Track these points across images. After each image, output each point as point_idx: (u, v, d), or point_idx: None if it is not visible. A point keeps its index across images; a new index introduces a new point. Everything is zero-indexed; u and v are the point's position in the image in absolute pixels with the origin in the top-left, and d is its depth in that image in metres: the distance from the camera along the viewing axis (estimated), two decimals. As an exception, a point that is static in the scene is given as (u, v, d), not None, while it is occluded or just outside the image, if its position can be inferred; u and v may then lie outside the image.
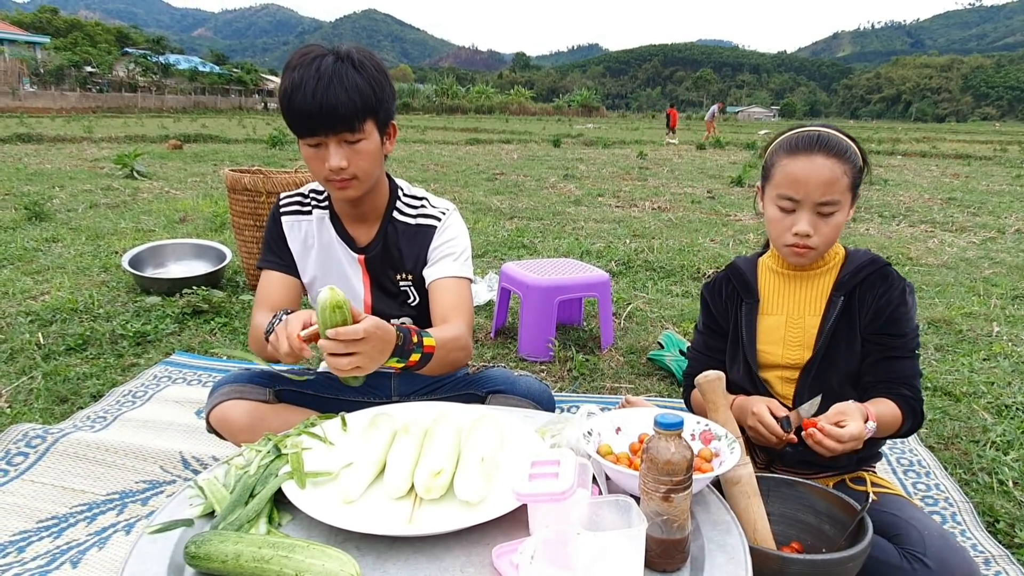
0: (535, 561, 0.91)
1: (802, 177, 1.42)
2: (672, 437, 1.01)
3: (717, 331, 1.70)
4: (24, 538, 1.85)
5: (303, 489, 1.18)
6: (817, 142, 1.43)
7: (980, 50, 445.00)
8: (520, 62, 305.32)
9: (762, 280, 1.64)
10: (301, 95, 1.47)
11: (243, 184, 3.99)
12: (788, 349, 1.57)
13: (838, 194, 1.41)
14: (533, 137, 24.00)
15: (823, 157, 1.41)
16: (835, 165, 1.41)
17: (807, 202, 1.43)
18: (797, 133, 1.49)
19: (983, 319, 3.95)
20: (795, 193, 1.43)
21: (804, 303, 1.57)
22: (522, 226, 6.82)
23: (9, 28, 52.42)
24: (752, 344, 1.60)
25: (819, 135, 1.44)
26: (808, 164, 1.42)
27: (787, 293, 1.59)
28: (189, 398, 2.76)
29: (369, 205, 1.73)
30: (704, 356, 1.72)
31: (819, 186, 1.40)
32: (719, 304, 1.69)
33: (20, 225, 6.17)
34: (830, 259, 1.55)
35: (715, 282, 1.72)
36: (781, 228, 1.48)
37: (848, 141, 1.45)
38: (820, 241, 1.45)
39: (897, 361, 1.48)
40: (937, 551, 1.27)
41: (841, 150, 1.42)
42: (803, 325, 1.56)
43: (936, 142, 24.55)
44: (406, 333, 1.40)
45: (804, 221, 1.43)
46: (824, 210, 1.42)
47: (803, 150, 1.44)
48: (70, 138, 17.25)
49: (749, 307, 1.62)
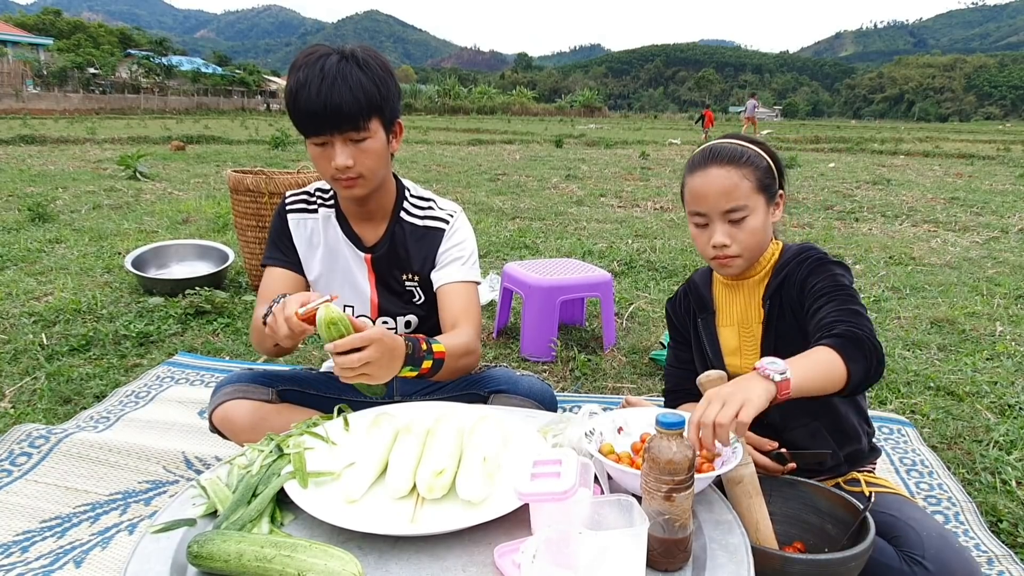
0: (537, 560, 0.91)
1: (701, 191, 1.46)
2: (674, 436, 1.01)
3: (685, 344, 1.72)
4: (28, 538, 1.86)
5: (305, 489, 1.18)
6: (710, 155, 1.47)
7: (983, 49, 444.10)
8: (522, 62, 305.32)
9: (716, 292, 1.65)
10: (306, 94, 1.47)
11: (246, 185, 4.00)
12: (746, 359, 1.57)
13: (742, 199, 1.43)
14: (535, 137, 23.99)
15: (716, 167, 1.45)
16: (730, 172, 1.43)
17: (714, 213, 1.46)
18: (696, 152, 1.53)
19: (986, 319, 3.94)
20: (700, 207, 1.47)
21: (748, 311, 1.57)
22: (524, 226, 6.82)
23: (12, 30, 52.55)
24: (718, 357, 1.61)
25: (711, 148, 1.48)
26: (704, 178, 1.46)
27: (735, 303, 1.60)
28: (192, 398, 2.77)
29: (376, 204, 1.74)
30: (677, 370, 1.74)
31: (719, 196, 1.43)
32: (680, 318, 1.72)
33: (24, 226, 6.19)
34: (764, 263, 1.55)
35: (676, 297, 1.76)
36: (702, 243, 1.51)
37: (744, 146, 1.47)
38: (741, 248, 1.46)
39: (819, 311, 1.39)
40: (937, 552, 1.26)
41: (734, 156, 1.45)
42: (752, 333, 1.56)
43: (939, 142, 24.48)
44: (414, 342, 1.42)
45: (718, 232, 1.46)
46: (733, 216, 1.44)
47: (699, 166, 1.48)
48: (73, 139, 17.29)
49: (706, 320, 1.64)
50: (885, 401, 2.85)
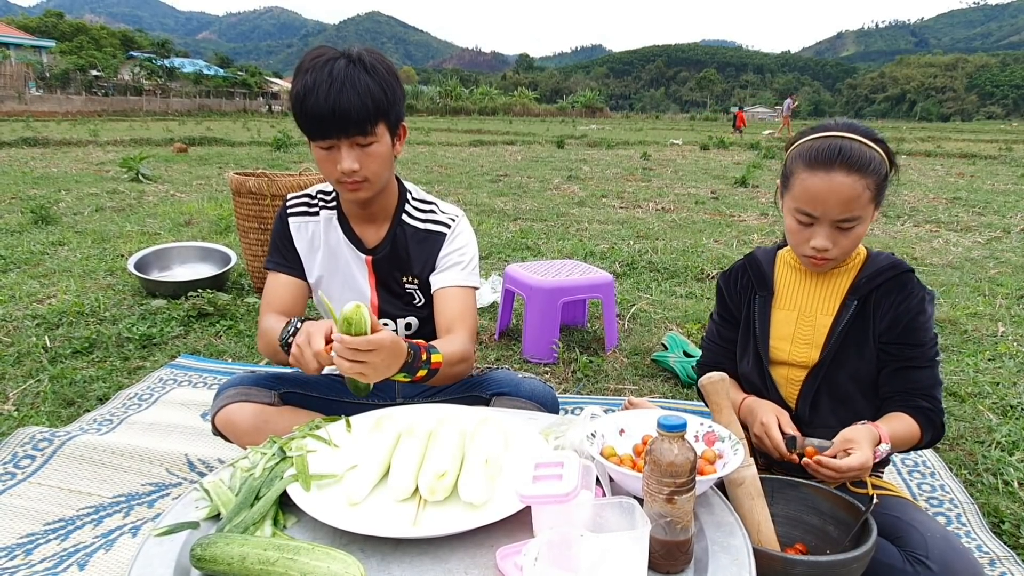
0: (539, 563, 0.92)
1: (820, 195, 1.36)
2: (675, 439, 1.01)
3: (731, 321, 1.69)
4: (31, 540, 1.86)
5: (308, 491, 1.18)
6: (838, 156, 1.35)
7: (985, 49, 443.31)
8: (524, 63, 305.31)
9: (779, 273, 1.61)
10: (314, 98, 1.47)
11: (248, 187, 4.01)
12: (797, 347, 1.55)
13: (858, 210, 1.37)
14: (537, 138, 23.99)
15: (843, 174, 1.34)
16: (856, 182, 1.34)
17: (825, 219, 1.39)
18: (817, 141, 1.40)
19: (988, 319, 3.93)
20: (813, 210, 1.39)
21: (818, 301, 1.54)
22: (526, 227, 6.82)
23: (15, 32, 52.65)
24: (765, 338, 1.58)
25: (840, 147, 1.36)
26: (827, 182, 1.35)
27: (802, 289, 1.57)
28: (195, 400, 2.77)
29: (378, 206, 1.74)
30: (717, 346, 1.71)
31: (838, 204, 1.36)
32: (733, 294, 1.67)
33: (26, 228, 6.20)
34: (849, 260, 1.53)
35: (731, 271, 1.70)
36: (799, 240, 1.45)
37: (871, 150, 1.37)
38: (839, 252, 1.43)
39: (915, 371, 1.45)
40: (940, 553, 1.27)
41: (863, 164, 1.35)
42: (814, 324, 1.54)
43: (941, 141, 24.44)
44: (416, 350, 1.43)
45: (822, 236, 1.40)
46: (844, 225, 1.39)
47: (822, 165, 1.36)
48: (76, 141, 17.32)
49: (763, 300, 1.60)
50: (887, 402, 2.85)
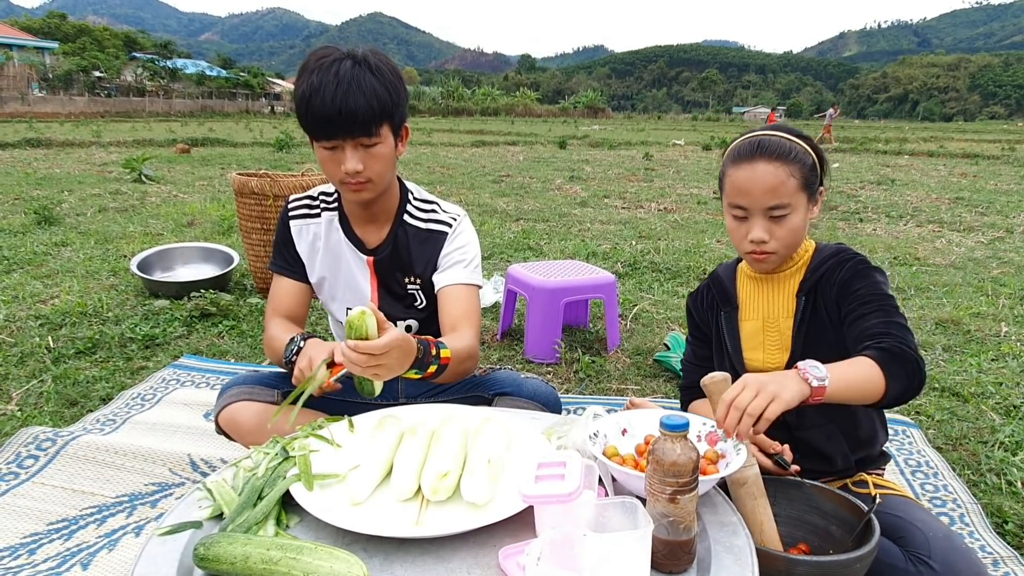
0: (541, 562, 0.92)
1: (746, 185, 1.42)
2: (678, 438, 1.01)
3: (703, 340, 1.72)
4: (35, 540, 1.86)
5: (311, 491, 1.18)
6: (758, 148, 1.43)
7: (987, 49, 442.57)
8: (526, 64, 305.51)
9: (740, 286, 1.64)
10: (320, 99, 1.48)
11: (250, 188, 4.01)
12: (768, 354, 1.57)
13: (786, 197, 1.41)
14: (539, 139, 24.00)
15: (764, 163, 1.41)
16: (778, 169, 1.40)
17: (756, 209, 1.43)
18: (741, 141, 1.49)
19: (991, 319, 3.92)
20: (743, 201, 1.44)
21: (777, 306, 1.57)
22: (528, 228, 6.82)
23: (18, 34, 52.77)
24: (737, 352, 1.61)
25: (759, 141, 1.44)
26: (750, 172, 1.42)
27: (761, 297, 1.59)
28: (198, 400, 2.78)
29: (380, 207, 1.74)
30: (695, 366, 1.74)
31: (764, 192, 1.41)
32: (702, 313, 1.71)
33: (29, 229, 6.22)
34: (798, 259, 1.54)
35: (698, 292, 1.74)
36: (738, 236, 1.49)
37: (793, 141, 1.44)
38: (778, 245, 1.45)
39: (864, 318, 1.40)
40: (942, 553, 1.27)
41: (783, 152, 1.41)
42: (779, 328, 1.56)
43: (943, 141, 24.43)
44: (426, 346, 1.43)
45: (757, 228, 1.44)
46: (775, 214, 1.42)
47: (745, 158, 1.44)
48: (79, 142, 17.35)
49: (728, 315, 1.63)
50: (890, 402, 2.84)
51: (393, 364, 1.31)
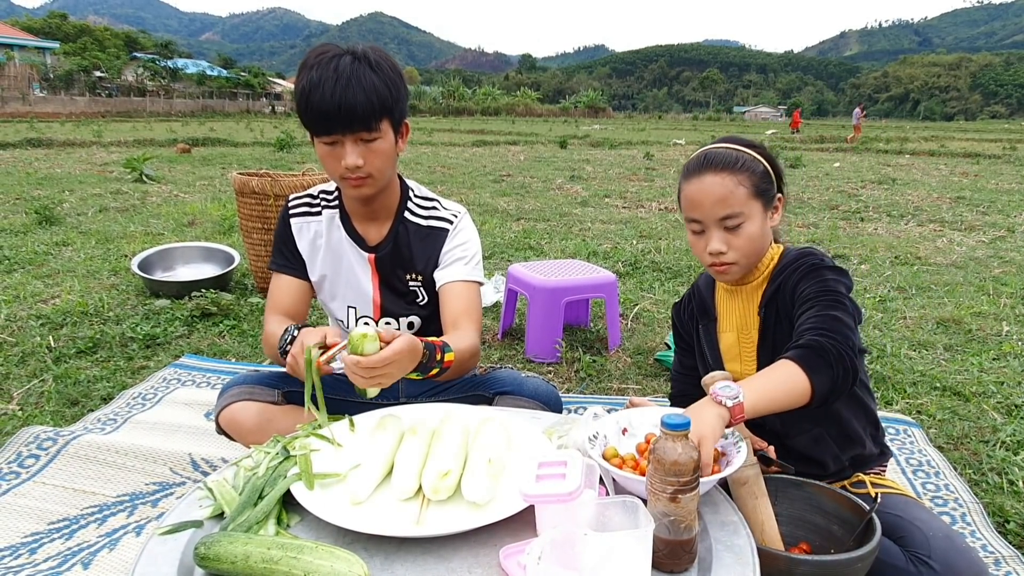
0: (542, 562, 0.92)
1: (696, 198, 1.44)
2: (679, 438, 1.01)
3: (688, 350, 1.72)
4: (36, 539, 1.87)
5: (311, 490, 1.18)
6: (704, 161, 1.45)
7: (989, 48, 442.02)
8: (526, 64, 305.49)
9: (718, 298, 1.64)
10: (319, 94, 1.48)
11: (251, 187, 4.01)
12: (745, 365, 1.56)
13: (737, 206, 1.41)
14: (539, 138, 24.00)
15: (711, 175, 1.42)
16: (725, 179, 1.41)
17: (709, 221, 1.44)
18: (691, 157, 1.51)
19: (992, 318, 3.92)
20: (696, 214, 1.45)
21: (747, 317, 1.56)
22: (529, 227, 6.82)
23: (19, 34, 52.80)
24: (718, 363, 1.60)
25: (706, 155, 1.46)
26: (699, 185, 1.44)
27: (735, 309, 1.59)
28: (198, 400, 2.78)
29: (381, 204, 1.74)
30: (682, 375, 1.74)
31: (714, 204, 1.42)
32: (684, 324, 1.72)
33: (31, 229, 6.22)
34: (763, 268, 1.53)
35: (681, 302, 1.75)
36: (699, 250, 1.50)
37: (740, 151, 1.45)
38: (737, 255, 1.44)
39: (799, 319, 1.37)
40: (942, 552, 1.26)
41: (729, 163, 1.42)
42: (751, 339, 1.55)
43: (945, 141, 24.40)
44: (432, 350, 1.43)
45: (714, 239, 1.44)
46: (729, 224, 1.42)
47: (693, 172, 1.46)
48: (80, 142, 17.37)
49: (706, 327, 1.63)
50: (891, 402, 2.84)
51: (395, 372, 1.32)
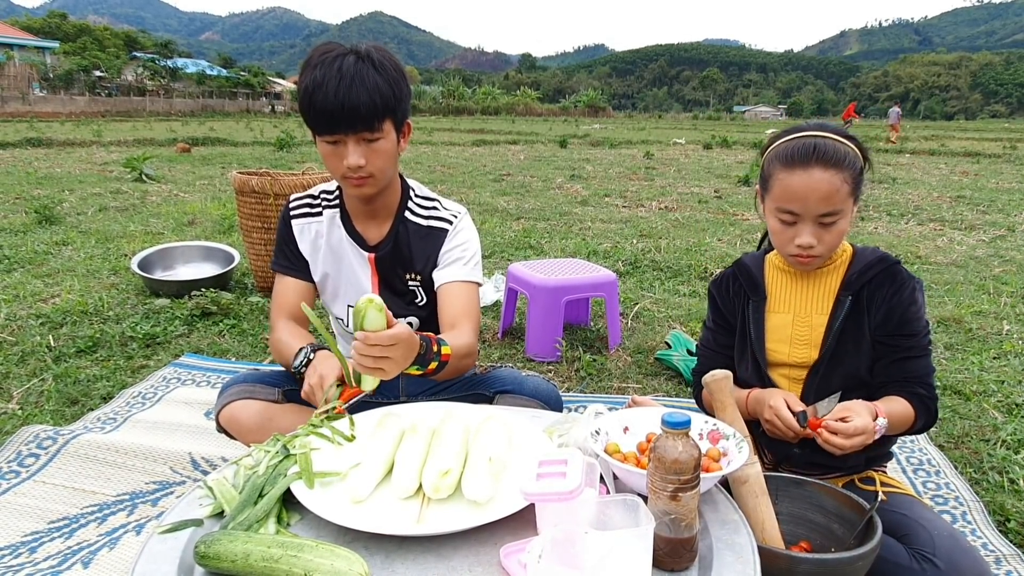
0: (543, 560, 0.91)
1: (800, 192, 1.38)
2: (680, 436, 1.01)
3: (726, 328, 1.68)
4: (36, 539, 1.86)
5: (312, 489, 1.18)
6: (814, 153, 1.38)
7: (989, 47, 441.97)
8: (526, 63, 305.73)
9: (769, 277, 1.62)
10: (323, 94, 1.48)
11: (251, 186, 4.01)
12: (795, 348, 1.55)
13: (839, 204, 1.38)
14: (539, 138, 23.99)
15: (820, 170, 1.37)
16: (833, 176, 1.36)
17: (808, 215, 1.40)
18: (792, 142, 1.43)
19: (993, 317, 3.92)
20: (795, 207, 1.40)
21: (811, 302, 1.55)
22: (529, 227, 6.82)
23: (19, 33, 52.80)
24: (760, 342, 1.58)
25: (814, 145, 1.38)
26: (806, 178, 1.37)
27: (794, 291, 1.57)
28: (198, 399, 2.78)
29: (381, 203, 1.74)
30: (713, 353, 1.70)
31: (819, 200, 1.37)
32: (727, 301, 1.67)
33: (30, 228, 6.22)
34: (836, 257, 1.53)
35: (722, 279, 1.70)
36: (784, 239, 1.46)
37: (845, 145, 1.40)
38: (824, 249, 1.44)
39: (910, 361, 1.46)
40: (946, 551, 1.26)
41: (839, 158, 1.37)
42: (811, 324, 1.54)
43: (945, 140, 24.39)
44: (427, 342, 1.43)
45: (807, 233, 1.41)
46: (826, 220, 1.40)
47: (799, 163, 1.39)
48: (79, 142, 17.37)
49: (756, 305, 1.60)
50: (891, 400, 2.84)
51: (399, 359, 1.32)
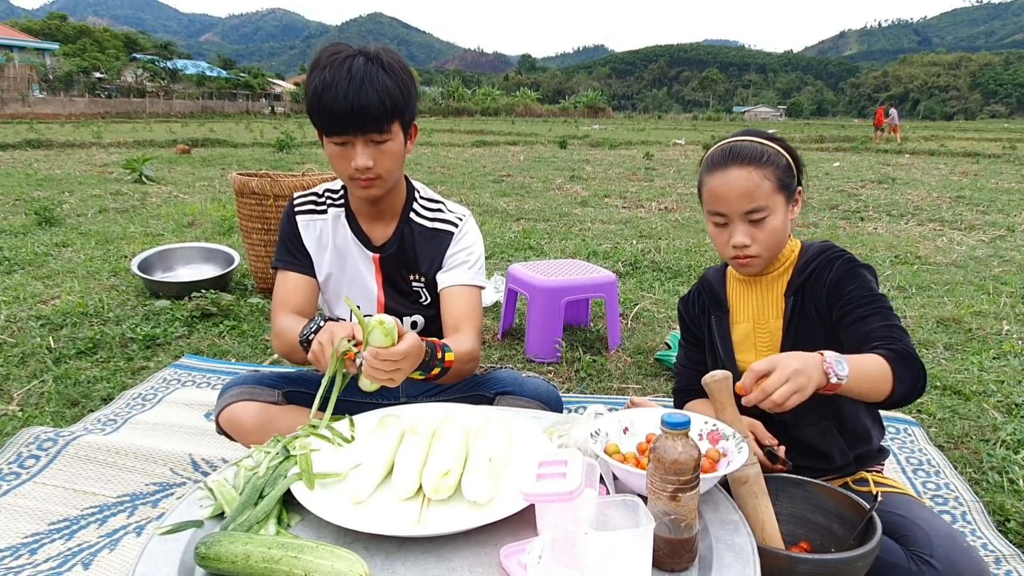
0: (543, 561, 0.92)
1: (722, 192, 1.44)
2: (679, 436, 1.01)
3: (697, 344, 1.72)
4: (36, 540, 1.87)
5: (312, 490, 1.18)
6: (729, 155, 1.44)
7: (988, 47, 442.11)
8: (526, 64, 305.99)
9: (730, 290, 1.65)
10: (332, 95, 1.48)
11: (251, 188, 4.01)
12: (760, 355, 1.56)
13: (762, 200, 1.42)
14: (539, 139, 24.01)
15: (737, 168, 1.43)
16: (751, 173, 1.42)
17: (734, 214, 1.44)
18: (714, 149, 1.50)
19: (993, 317, 3.92)
20: (721, 208, 1.45)
21: (766, 307, 1.57)
22: (529, 227, 6.82)
23: (19, 35, 52.84)
24: (729, 355, 1.61)
25: (730, 147, 1.46)
26: (724, 178, 1.44)
27: (750, 300, 1.60)
28: (198, 400, 2.78)
29: (387, 204, 1.75)
30: (688, 369, 1.73)
31: (739, 198, 1.42)
32: (694, 318, 1.71)
33: (30, 230, 6.22)
34: (784, 259, 1.55)
35: (689, 296, 1.75)
36: (721, 243, 1.50)
37: (764, 144, 1.45)
38: (761, 248, 1.46)
39: (864, 320, 1.42)
40: (944, 552, 1.26)
41: (755, 156, 1.43)
42: (769, 330, 1.56)
43: (944, 140, 24.42)
44: (432, 348, 1.43)
45: (739, 233, 1.45)
46: (754, 217, 1.43)
47: (718, 165, 1.46)
48: (79, 143, 17.37)
49: (719, 319, 1.63)
50: (891, 401, 2.84)
51: (407, 368, 1.33)
